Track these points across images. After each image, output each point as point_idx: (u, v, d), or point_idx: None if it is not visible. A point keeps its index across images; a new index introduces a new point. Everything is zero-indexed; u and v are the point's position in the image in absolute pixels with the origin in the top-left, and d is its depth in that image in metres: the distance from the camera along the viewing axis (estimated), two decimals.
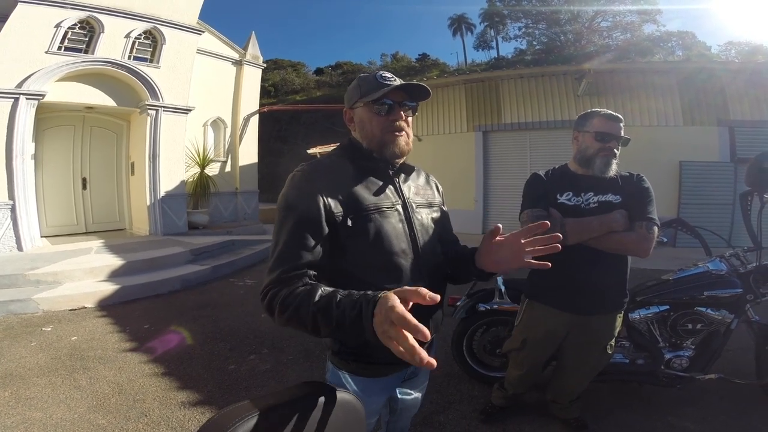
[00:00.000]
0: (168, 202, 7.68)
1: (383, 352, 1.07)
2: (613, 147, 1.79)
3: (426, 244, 1.15)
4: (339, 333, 0.87)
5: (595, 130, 1.81)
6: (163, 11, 7.47)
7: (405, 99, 1.12)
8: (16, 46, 6.07)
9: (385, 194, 1.12)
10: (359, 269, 1.03)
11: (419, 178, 1.29)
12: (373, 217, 1.06)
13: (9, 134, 6.01)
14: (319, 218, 1.02)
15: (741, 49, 26.21)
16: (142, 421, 2.40)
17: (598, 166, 1.81)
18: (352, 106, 1.17)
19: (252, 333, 3.74)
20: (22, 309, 4.31)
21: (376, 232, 1.06)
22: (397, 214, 1.11)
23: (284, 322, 0.95)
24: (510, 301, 2.61)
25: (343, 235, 1.04)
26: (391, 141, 1.12)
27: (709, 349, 2.31)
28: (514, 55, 32.70)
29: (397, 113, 1.11)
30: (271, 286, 0.98)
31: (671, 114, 8.00)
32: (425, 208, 1.22)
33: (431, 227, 1.20)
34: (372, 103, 1.10)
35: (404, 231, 1.11)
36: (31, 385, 2.80)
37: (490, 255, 1.10)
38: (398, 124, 1.11)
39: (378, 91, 1.07)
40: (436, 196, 1.30)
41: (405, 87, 1.11)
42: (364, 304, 0.81)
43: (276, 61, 32.01)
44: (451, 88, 9.84)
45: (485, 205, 9.34)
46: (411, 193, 1.19)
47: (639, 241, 1.73)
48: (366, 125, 1.14)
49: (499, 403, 2.40)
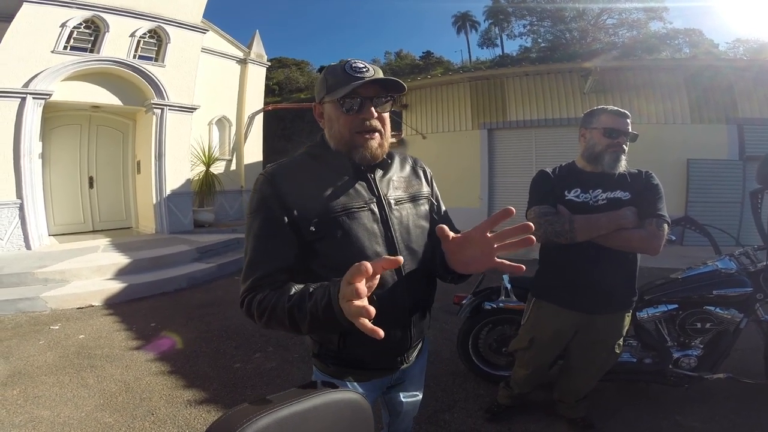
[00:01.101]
0: (174, 200, 7.73)
1: (359, 356, 1.09)
2: (621, 143, 1.77)
3: (406, 243, 1.07)
4: (316, 324, 0.86)
5: (603, 126, 1.80)
6: (167, 10, 7.49)
7: (378, 93, 0.99)
8: (22, 46, 6.11)
9: (357, 193, 1.03)
10: (331, 273, 0.93)
11: (403, 168, 1.17)
12: (340, 220, 0.99)
13: (17, 134, 6.06)
14: (282, 223, 0.98)
15: (749, 47, 25.91)
16: (149, 420, 2.41)
17: (607, 162, 1.79)
18: (320, 101, 1.06)
19: (258, 331, 3.75)
20: (31, 307, 4.35)
21: (344, 236, 0.99)
22: (370, 214, 1.03)
23: (265, 325, 0.95)
24: (516, 300, 2.60)
25: (310, 240, 0.99)
26: (361, 144, 1.01)
27: (717, 349, 2.29)
28: (519, 52, 32.54)
29: (368, 111, 0.98)
30: (246, 293, 0.97)
31: (679, 112, 7.92)
32: (407, 203, 1.11)
33: (414, 224, 1.11)
34: (339, 100, 0.98)
35: (379, 231, 1.03)
36: (39, 384, 2.82)
37: (457, 255, 0.97)
38: (369, 124, 1.00)
39: (344, 88, 0.96)
40: (424, 186, 1.19)
41: (378, 79, 0.98)
42: (332, 286, 0.80)
43: (280, 60, 32.06)
44: (456, 85, 9.79)
45: (490, 203, 9.29)
46: (390, 189, 1.09)
47: (649, 238, 1.70)
48: (333, 124, 1.03)
49: (504, 402, 2.39)
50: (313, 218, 0.98)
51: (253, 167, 10.43)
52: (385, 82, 0.99)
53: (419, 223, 1.13)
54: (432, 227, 1.13)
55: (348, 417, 0.65)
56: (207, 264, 6.03)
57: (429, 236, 1.14)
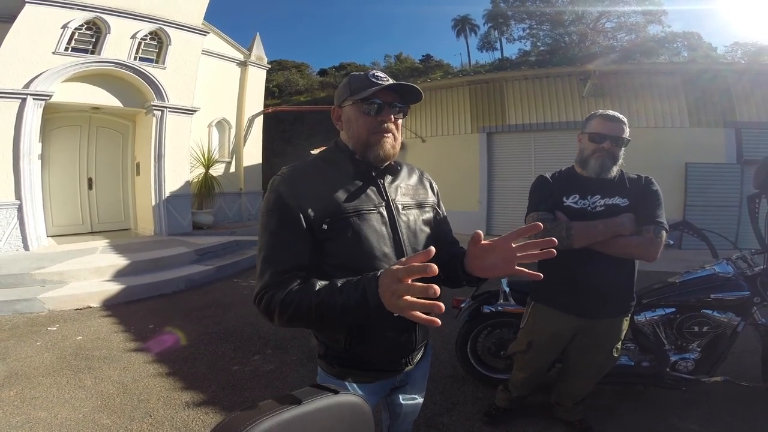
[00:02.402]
0: (173, 202, 7.72)
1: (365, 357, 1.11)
2: (607, 147, 1.77)
3: (413, 246, 1.11)
4: (344, 318, 0.91)
5: (590, 131, 1.81)
6: (168, 12, 7.52)
7: (395, 100, 1.09)
8: (23, 47, 6.13)
9: (367, 196, 1.09)
10: (340, 272, 0.99)
11: (411, 177, 1.24)
12: (351, 221, 1.04)
13: (16, 134, 6.06)
14: (299, 221, 1.01)
15: (747, 50, 25.98)
16: (147, 421, 2.41)
17: (592, 167, 1.81)
18: (340, 104, 1.14)
19: (256, 333, 3.75)
20: (28, 308, 4.34)
21: (354, 235, 1.03)
22: (379, 217, 1.08)
23: (285, 323, 0.96)
24: (515, 304, 2.61)
25: (322, 239, 1.03)
26: (377, 143, 1.08)
27: (715, 352, 2.30)
28: (519, 56, 32.55)
29: (386, 114, 1.07)
30: (264, 290, 0.99)
31: (677, 115, 7.96)
32: (414, 209, 1.17)
33: (420, 229, 1.16)
34: (360, 102, 1.06)
35: (388, 233, 1.08)
36: (36, 385, 2.82)
37: (479, 260, 1.04)
38: (386, 126, 1.08)
39: (368, 90, 1.04)
40: (430, 196, 1.25)
41: (397, 89, 1.08)
42: (366, 283, 0.86)
43: (280, 62, 32.05)
44: (455, 89, 9.83)
45: (489, 207, 9.32)
46: (398, 195, 1.15)
47: (646, 245, 1.71)
48: (353, 125, 1.10)
49: (503, 405, 2.39)
50: (326, 217, 1.02)
51: (253, 170, 10.43)
52: (403, 88, 1.08)
53: (425, 229, 1.17)
54: (434, 231, 1.21)
55: (349, 420, 0.66)
56: (205, 266, 6.03)
57: (433, 241, 1.17)
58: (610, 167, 1.79)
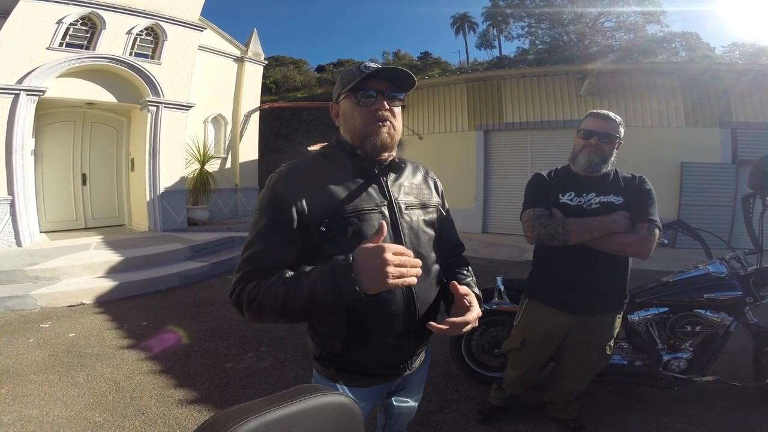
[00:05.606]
0: (168, 198, 7.68)
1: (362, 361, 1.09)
2: (593, 143, 1.79)
3: (415, 247, 1.07)
4: (312, 305, 0.87)
5: (581, 128, 1.86)
6: (165, 8, 7.45)
7: (388, 88, 1.06)
8: (17, 42, 6.05)
9: (369, 195, 1.06)
10: None
11: (415, 176, 1.20)
12: (351, 221, 1.01)
13: (9, 130, 6.00)
14: (290, 222, 1.00)
15: (745, 51, 26.11)
16: (139, 419, 2.40)
17: (580, 163, 1.84)
18: (337, 100, 1.13)
19: (250, 331, 3.73)
20: (20, 305, 4.31)
21: (354, 236, 1.00)
22: (380, 216, 1.05)
23: (253, 315, 0.94)
24: (509, 302, 2.60)
25: (319, 239, 1.00)
26: (374, 132, 1.05)
27: (707, 352, 2.31)
28: (517, 54, 32.57)
29: (380, 102, 1.05)
30: (236, 284, 0.98)
31: (674, 115, 7.98)
32: (417, 209, 1.13)
33: (423, 230, 1.12)
34: (353, 93, 1.05)
35: (389, 234, 1.04)
36: (27, 382, 2.80)
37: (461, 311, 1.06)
38: (381, 114, 1.05)
39: (356, 79, 1.03)
40: (434, 196, 1.21)
41: (389, 77, 1.05)
42: (337, 263, 0.85)
43: (277, 58, 31.94)
44: (453, 86, 9.82)
45: (485, 204, 9.34)
46: (401, 193, 1.11)
47: (640, 242, 1.73)
48: (349, 117, 1.09)
49: (496, 404, 2.40)
50: (324, 218, 1.00)
51: (249, 166, 10.39)
52: (394, 75, 1.05)
53: (427, 230, 1.14)
54: (437, 233, 1.18)
55: (337, 420, 0.65)
56: (200, 263, 6.00)
57: (436, 244, 1.16)
58: (597, 163, 1.81)
